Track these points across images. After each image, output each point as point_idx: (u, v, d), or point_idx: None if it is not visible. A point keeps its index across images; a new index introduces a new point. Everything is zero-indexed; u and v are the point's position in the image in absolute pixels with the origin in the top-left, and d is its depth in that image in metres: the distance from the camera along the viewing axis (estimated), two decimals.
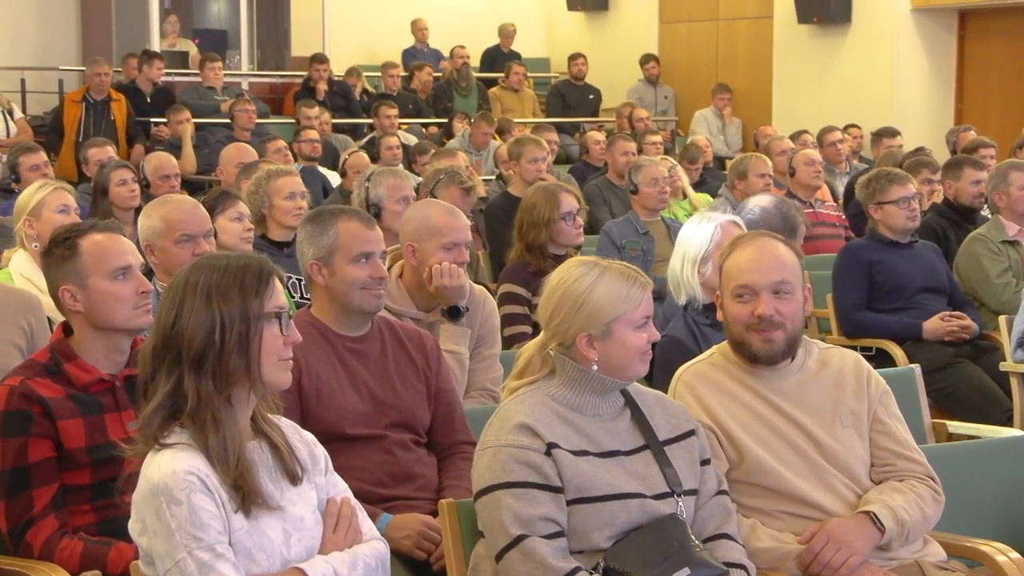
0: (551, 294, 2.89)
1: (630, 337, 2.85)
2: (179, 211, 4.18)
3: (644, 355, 2.89)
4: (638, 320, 2.86)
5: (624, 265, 2.90)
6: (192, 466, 2.39)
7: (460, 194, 5.83)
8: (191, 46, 13.17)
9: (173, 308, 2.45)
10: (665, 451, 2.90)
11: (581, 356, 2.85)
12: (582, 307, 2.84)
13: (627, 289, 2.85)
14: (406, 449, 3.42)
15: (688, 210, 7.86)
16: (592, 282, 2.84)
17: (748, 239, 3.21)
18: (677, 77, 14.43)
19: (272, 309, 2.49)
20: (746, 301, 3.12)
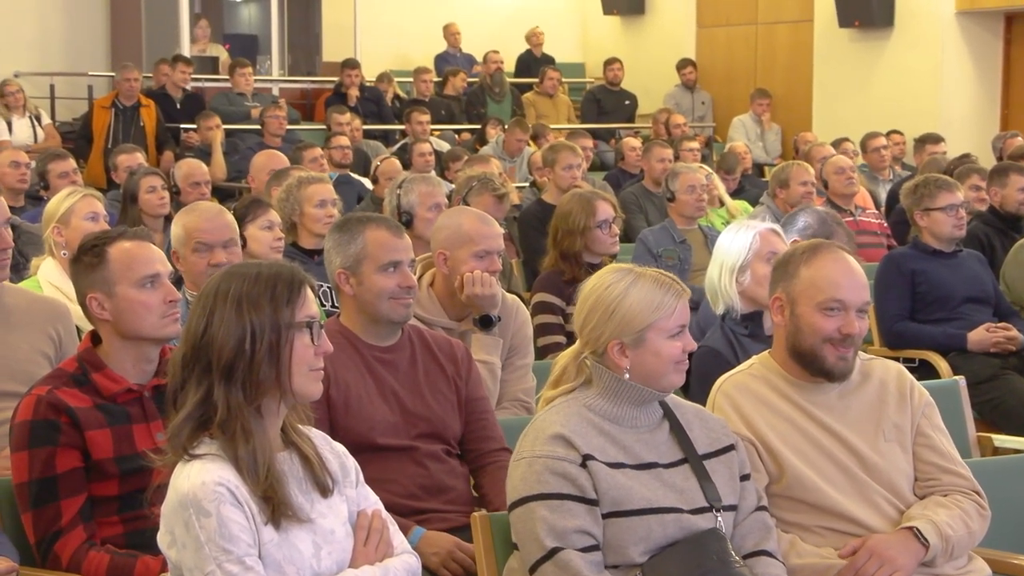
0: (584, 300, 2.89)
1: (664, 346, 2.84)
2: (200, 219, 4.20)
3: (679, 364, 2.87)
4: (672, 328, 2.85)
5: (659, 272, 2.89)
6: (222, 477, 2.39)
7: (493, 201, 5.83)
8: (221, 51, 13.25)
9: (203, 317, 2.46)
10: (704, 465, 2.88)
11: (614, 364, 2.85)
12: (614, 313, 2.83)
13: (660, 296, 2.84)
14: (437, 460, 3.42)
15: (725, 218, 7.84)
16: (625, 288, 2.84)
17: (827, 249, 3.17)
18: (715, 82, 14.40)
19: (303, 318, 2.49)
20: (834, 315, 3.09)
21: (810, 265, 3.14)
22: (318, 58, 14.07)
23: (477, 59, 14.09)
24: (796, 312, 3.12)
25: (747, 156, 10.66)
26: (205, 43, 13.14)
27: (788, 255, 3.21)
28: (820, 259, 3.14)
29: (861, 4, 12.71)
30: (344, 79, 12.30)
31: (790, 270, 3.15)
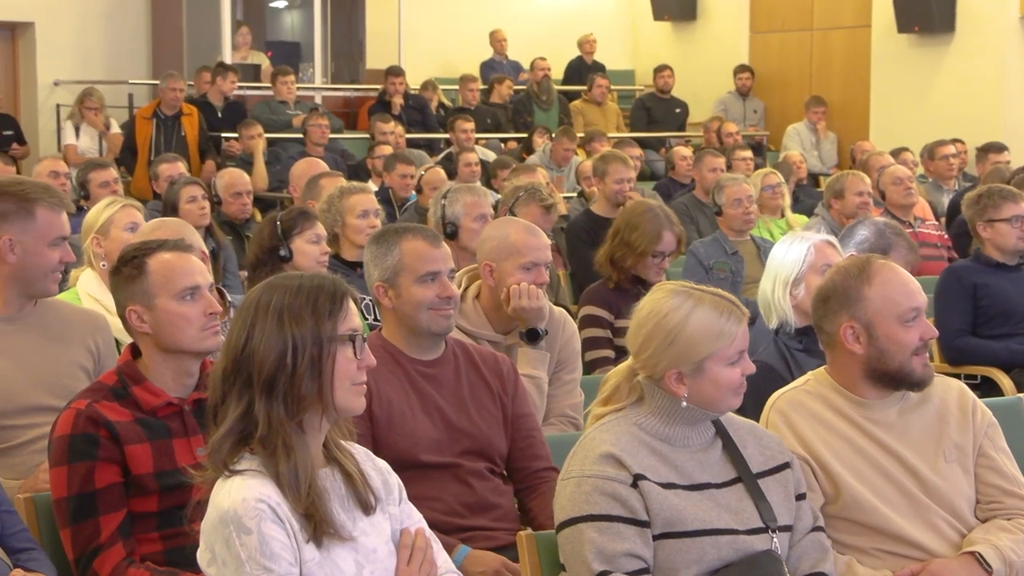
0: (641, 325, 2.86)
1: (723, 373, 2.82)
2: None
3: (738, 389, 2.85)
4: (732, 356, 2.82)
5: (718, 296, 2.84)
6: (263, 494, 2.40)
7: (540, 212, 5.84)
8: (263, 59, 13.32)
9: (244, 330, 2.47)
10: (759, 484, 2.86)
11: (670, 390, 2.83)
12: (673, 343, 2.80)
13: (721, 324, 2.81)
14: (482, 478, 3.42)
15: (784, 230, 7.79)
16: (684, 317, 2.80)
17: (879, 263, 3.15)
18: (768, 89, 14.34)
19: (346, 331, 2.49)
20: (913, 325, 3.08)
21: (872, 283, 3.11)
22: (361, 65, 14.12)
23: (524, 66, 14.11)
24: (876, 334, 3.08)
25: (802, 165, 10.61)
26: (246, 50, 13.22)
27: (837, 283, 3.15)
28: (880, 274, 3.12)
29: (921, 9, 12.63)
30: (388, 87, 12.35)
31: (851, 295, 3.11)
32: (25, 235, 3.60)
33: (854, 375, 3.12)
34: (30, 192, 3.64)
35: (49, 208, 3.63)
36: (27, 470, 3.49)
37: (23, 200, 3.62)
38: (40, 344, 3.64)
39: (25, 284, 3.64)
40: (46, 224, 3.62)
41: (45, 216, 3.62)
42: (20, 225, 3.60)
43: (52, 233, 3.63)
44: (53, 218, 3.64)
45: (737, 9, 14.68)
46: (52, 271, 3.65)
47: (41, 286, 3.66)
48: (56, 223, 3.64)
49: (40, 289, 3.66)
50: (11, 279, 3.63)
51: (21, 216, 3.61)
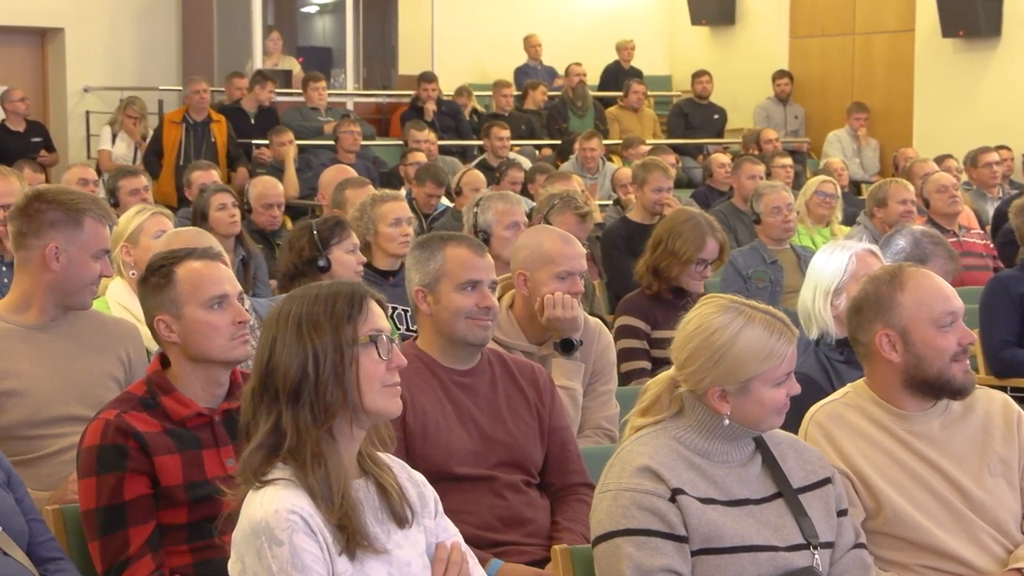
0: (688, 339, 2.83)
1: (768, 394, 2.80)
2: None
3: (781, 410, 2.84)
4: (779, 377, 2.81)
5: (769, 315, 2.82)
6: (295, 505, 2.40)
7: (575, 220, 5.84)
8: (294, 64, 13.37)
9: (267, 344, 2.49)
10: (799, 499, 2.85)
11: (712, 407, 2.82)
12: (719, 362, 2.78)
13: (771, 345, 2.79)
14: (517, 491, 3.42)
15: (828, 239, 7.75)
16: (733, 335, 2.78)
17: (911, 269, 3.15)
18: (808, 95, 14.30)
19: (367, 333, 2.50)
20: (950, 329, 3.07)
21: (905, 289, 3.10)
22: (394, 71, 14.16)
23: (559, 72, 14.12)
24: (913, 340, 3.07)
25: (844, 173, 10.56)
26: (277, 56, 13.28)
27: (870, 292, 3.14)
28: (913, 280, 3.11)
29: (966, 13, 12.56)
30: (421, 93, 12.37)
31: (884, 303, 3.10)
32: (71, 245, 3.64)
33: (893, 386, 3.11)
34: (80, 203, 3.68)
35: (96, 220, 3.67)
36: (56, 481, 3.51)
37: (73, 210, 3.65)
38: (72, 353, 3.67)
39: (65, 295, 3.67)
40: (92, 235, 3.66)
41: (92, 227, 3.66)
42: (68, 234, 3.64)
43: (97, 245, 3.66)
44: (99, 230, 3.67)
45: (777, 13, 14.65)
46: (92, 283, 3.69)
47: (79, 298, 3.69)
48: (102, 235, 3.69)
49: (78, 301, 3.69)
50: (52, 288, 3.66)
51: (70, 226, 3.64)
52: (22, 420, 3.56)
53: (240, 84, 11.88)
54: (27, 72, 12.96)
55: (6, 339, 3.62)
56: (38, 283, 3.66)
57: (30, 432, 3.57)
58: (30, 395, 3.58)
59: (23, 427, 3.56)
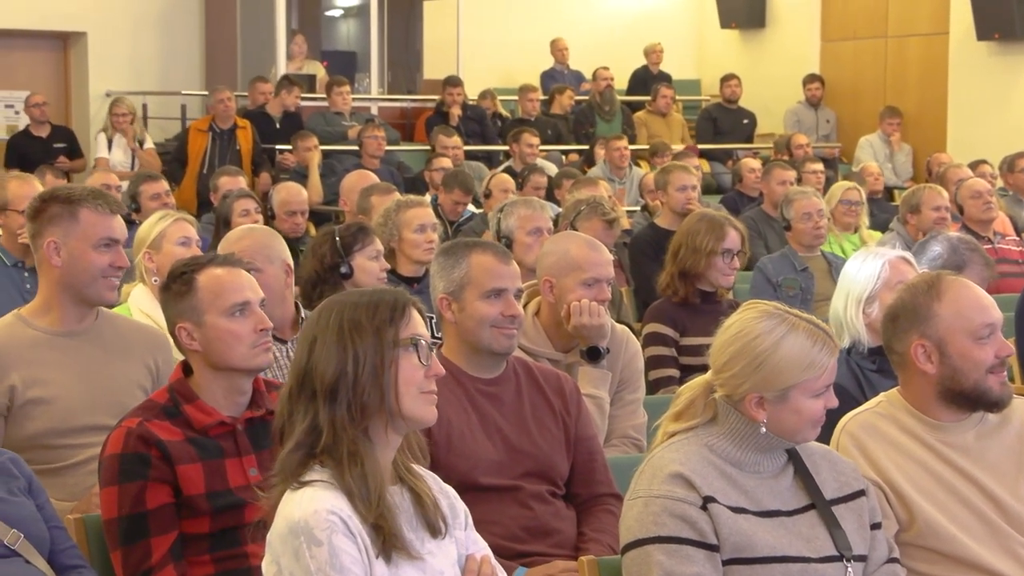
0: (727, 343, 2.83)
1: (806, 404, 2.79)
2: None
3: (817, 422, 2.83)
4: (818, 388, 2.80)
5: (812, 325, 2.81)
6: (334, 506, 2.41)
7: (602, 227, 5.83)
8: (319, 68, 13.40)
9: (306, 348, 2.51)
10: (832, 511, 2.84)
11: (748, 414, 2.81)
12: (759, 368, 2.78)
13: (813, 355, 2.78)
14: (543, 501, 3.41)
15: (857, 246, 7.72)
16: (775, 342, 2.77)
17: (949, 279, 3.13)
18: (840, 99, 14.25)
19: (408, 335, 2.51)
20: (987, 342, 3.06)
21: (942, 299, 3.08)
22: (419, 75, 14.18)
23: (586, 76, 14.11)
24: (949, 352, 3.06)
25: (879, 177, 10.52)
26: (301, 60, 13.31)
27: (906, 300, 3.13)
28: (951, 290, 3.10)
29: (1001, 15, 12.49)
30: (446, 97, 12.39)
31: (921, 313, 3.09)
32: (68, 237, 3.66)
33: (928, 396, 3.10)
34: (74, 195, 3.70)
35: (93, 210, 3.67)
36: (80, 491, 3.52)
37: (67, 203, 3.67)
38: (99, 360, 3.68)
39: (75, 290, 3.67)
40: (89, 226, 3.66)
41: (89, 218, 3.66)
42: (64, 228, 3.66)
43: (95, 235, 3.66)
44: (97, 220, 3.67)
45: (808, 16, 14.60)
46: (101, 275, 3.66)
47: (92, 291, 3.68)
48: (101, 225, 3.67)
49: (92, 294, 3.68)
50: (60, 285, 3.67)
51: (65, 219, 3.66)
52: (48, 429, 3.58)
53: (264, 89, 11.89)
54: (49, 77, 13.04)
55: (33, 347, 3.64)
56: (50, 283, 3.68)
57: (56, 441, 3.58)
58: (56, 403, 3.59)
59: (49, 436, 3.58)
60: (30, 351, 3.63)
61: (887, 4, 14.00)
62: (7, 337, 3.65)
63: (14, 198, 5.46)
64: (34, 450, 3.53)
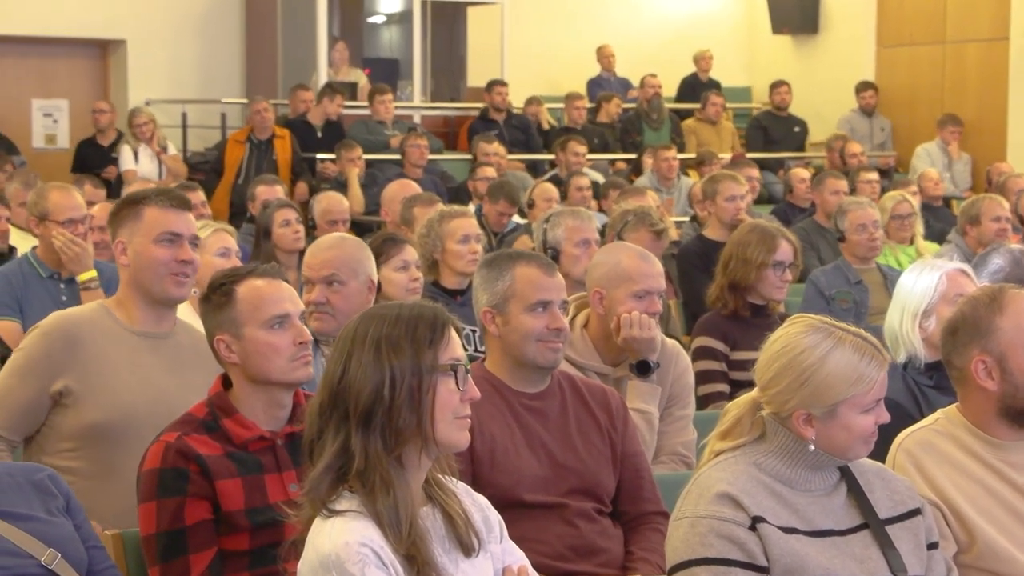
0: (773, 359, 2.82)
1: (856, 420, 2.77)
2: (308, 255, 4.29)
3: (869, 438, 2.81)
4: (868, 404, 2.78)
5: (860, 338, 2.79)
6: (366, 537, 2.40)
7: (650, 238, 5.82)
8: (360, 76, 13.45)
9: (340, 361, 2.49)
10: (887, 531, 2.82)
11: (796, 431, 2.80)
12: (806, 383, 2.76)
13: (861, 369, 2.76)
14: (589, 519, 3.41)
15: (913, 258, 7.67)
16: (821, 356, 2.76)
17: (1011, 292, 3.10)
18: (896, 107, 14.17)
19: (447, 361, 2.51)
20: None
21: (1005, 313, 3.06)
22: (462, 83, 14.20)
23: (633, 83, 14.10)
24: (1011, 368, 3.04)
25: (939, 183, 10.45)
26: (343, 68, 13.36)
27: (967, 314, 3.10)
28: (1014, 303, 3.07)
29: None
30: (494, 98, 12.40)
31: (982, 327, 3.06)
32: (133, 235, 3.73)
33: (987, 413, 3.07)
34: (141, 193, 3.81)
35: (157, 206, 3.73)
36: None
37: (134, 203, 3.77)
38: (171, 367, 3.70)
39: (143, 289, 3.72)
40: (152, 221, 3.72)
41: (152, 214, 3.73)
42: (129, 227, 3.74)
43: (156, 229, 3.71)
44: (159, 215, 3.72)
45: (863, 22, 14.53)
46: (164, 270, 3.70)
47: (158, 288, 3.72)
48: (162, 219, 3.72)
49: (158, 291, 3.72)
50: (131, 285, 3.74)
51: (131, 218, 3.75)
52: (108, 420, 3.60)
53: (305, 97, 11.95)
54: (88, 85, 13.16)
55: (109, 336, 3.67)
56: (124, 284, 3.77)
57: (115, 435, 3.59)
58: (121, 397, 3.62)
59: (109, 428, 3.60)
60: (105, 339, 3.67)
61: (945, 8, 13.91)
62: (88, 322, 3.71)
63: (55, 208, 5.54)
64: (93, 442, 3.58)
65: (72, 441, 3.62)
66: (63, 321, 3.72)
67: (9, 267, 5.62)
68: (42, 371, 3.63)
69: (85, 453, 3.59)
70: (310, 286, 4.17)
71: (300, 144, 11.32)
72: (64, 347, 3.64)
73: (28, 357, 3.66)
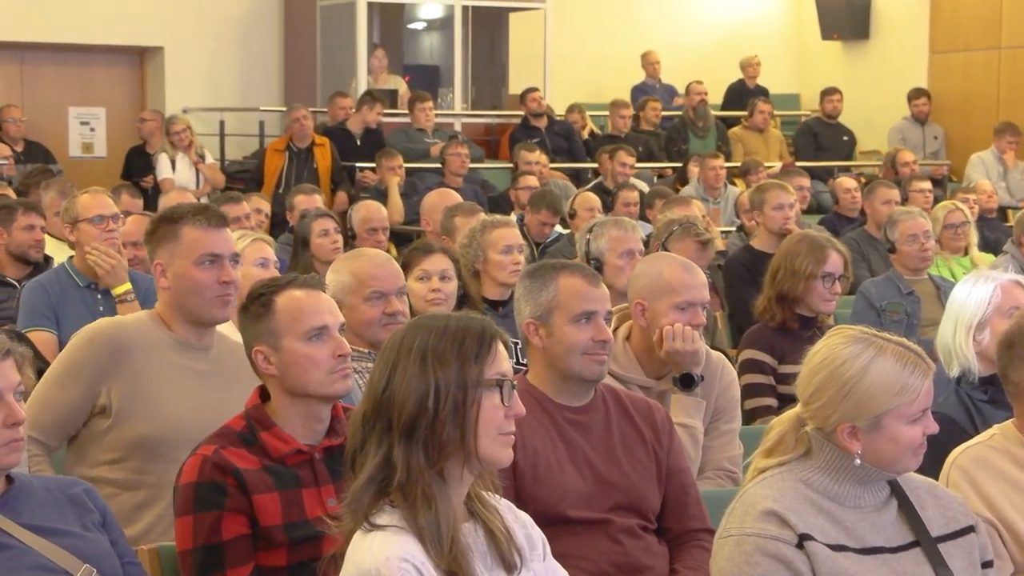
0: (814, 372, 2.81)
1: (902, 431, 2.75)
2: (371, 265, 4.20)
3: (918, 450, 2.79)
4: (914, 414, 2.76)
5: (902, 347, 2.78)
6: (407, 552, 2.41)
7: (696, 248, 5.81)
8: (400, 83, 13.50)
9: (385, 371, 2.50)
10: (939, 549, 2.80)
11: (842, 446, 2.78)
12: (848, 395, 2.75)
13: (904, 378, 2.74)
14: (634, 536, 3.40)
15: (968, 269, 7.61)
16: (863, 367, 2.75)
17: None
18: (949, 115, 14.08)
19: (493, 376, 2.51)
20: None
21: None
22: (504, 90, 14.22)
23: (678, 90, 14.09)
24: None
25: (993, 196, 10.39)
26: (383, 75, 13.41)
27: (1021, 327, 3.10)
28: None
29: None
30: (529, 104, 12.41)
31: None
32: (173, 257, 3.74)
33: None
34: (177, 212, 3.79)
35: (194, 225, 3.73)
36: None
37: (170, 222, 3.77)
38: (217, 385, 3.72)
39: (185, 311, 3.74)
40: (191, 242, 3.72)
41: (190, 234, 3.73)
42: (168, 248, 3.75)
43: (197, 251, 3.72)
44: (199, 235, 3.72)
45: (915, 27, 14.45)
46: (207, 293, 3.71)
47: (202, 311, 3.73)
48: (202, 240, 3.72)
49: (203, 314, 3.74)
50: (172, 306, 3.76)
51: (169, 238, 3.75)
52: (155, 432, 3.63)
53: (344, 104, 11.99)
54: (126, 93, 13.26)
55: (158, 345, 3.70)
56: (164, 304, 3.78)
57: (162, 448, 3.62)
58: (168, 408, 3.65)
59: (155, 441, 3.63)
60: (151, 348, 3.70)
61: (1001, 13, 13.81)
62: (135, 330, 3.74)
63: (83, 208, 5.65)
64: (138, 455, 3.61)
65: (115, 452, 3.65)
66: (111, 328, 3.76)
67: (47, 276, 5.68)
68: (87, 376, 3.66)
69: (129, 465, 3.62)
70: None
71: (339, 152, 11.35)
72: (111, 354, 3.67)
73: (73, 362, 3.68)
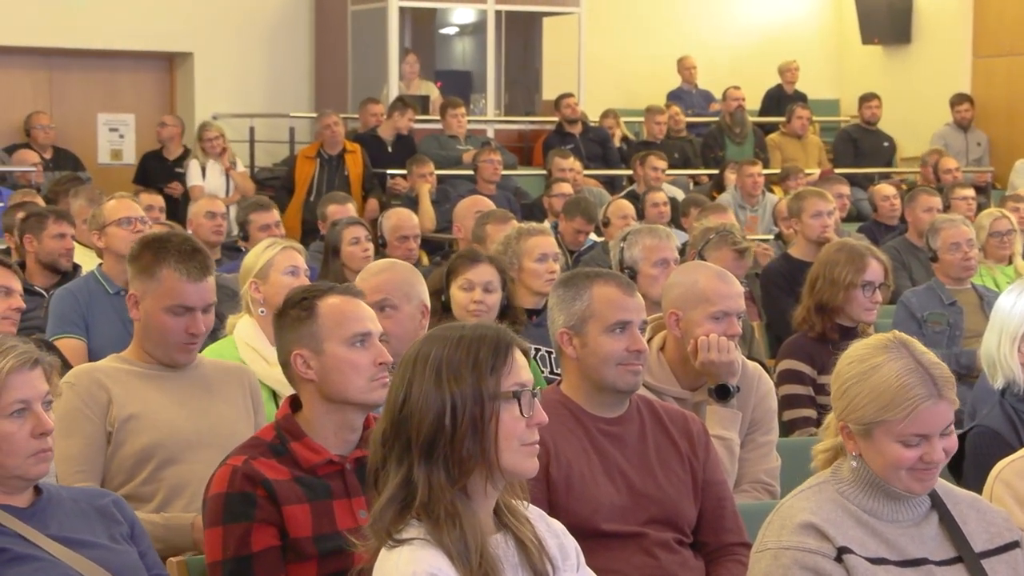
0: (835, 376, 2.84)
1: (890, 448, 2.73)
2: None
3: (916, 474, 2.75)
4: (905, 435, 2.71)
5: (920, 366, 2.74)
6: (434, 566, 2.41)
7: (733, 257, 5.81)
8: (432, 89, 13.52)
9: (402, 387, 2.50)
10: (982, 565, 2.78)
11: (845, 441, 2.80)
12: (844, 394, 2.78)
13: (898, 395, 2.71)
14: (669, 550, 3.39)
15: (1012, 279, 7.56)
16: (864, 372, 2.75)
17: None
18: (993, 120, 14.01)
19: (510, 387, 2.50)
20: None
21: None
22: (537, 96, 14.22)
23: (715, 96, 14.07)
24: None
25: None
26: (415, 81, 13.43)
27: None
28: None
29: None
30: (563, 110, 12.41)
31: None
32: (146, 294, 3.80)
33: None
34: (162, 249, 3.79)
35: (174, 271, 3.75)
36: None
37: (153, 256, 3.79)
38: (207, 400, 3.78)
39: (152, 346, 3.80)
40: (167, 288, 3.77)
41: (168, 279, 3.77)
42: (144, 283, 3.80)
43: (170, 299, 3.76)
44: (176, 284, 3.76)
45: (958, 31, 14.39)
46: (171, 339, 3.76)
47: (164, 355, 3.80)
48: (178, 290, 3.76)
49: (163, 357, 3.80)
50: (142, 336, 3.83)
51: (147, 274, 3.79)
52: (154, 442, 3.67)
53: (375, 110, 12.01)
54: (155, 98, 13.33)
55: (133, 376, 3.76)
56: (135, 330, 3.84)
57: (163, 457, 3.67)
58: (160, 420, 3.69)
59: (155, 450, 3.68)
60: (129, 378, 3.76)
61: None
62: (108, 368, 3.81)
63: (109, 213, 5.76)
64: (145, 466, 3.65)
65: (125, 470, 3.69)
66: (85, 369, 3.84)
67: (76, 284, 5.73)
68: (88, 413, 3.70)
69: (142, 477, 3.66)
70: None
71: (370, 159, 11.37)
72: (96, 388, 3.72)
73: (67, 411, 3.67)
